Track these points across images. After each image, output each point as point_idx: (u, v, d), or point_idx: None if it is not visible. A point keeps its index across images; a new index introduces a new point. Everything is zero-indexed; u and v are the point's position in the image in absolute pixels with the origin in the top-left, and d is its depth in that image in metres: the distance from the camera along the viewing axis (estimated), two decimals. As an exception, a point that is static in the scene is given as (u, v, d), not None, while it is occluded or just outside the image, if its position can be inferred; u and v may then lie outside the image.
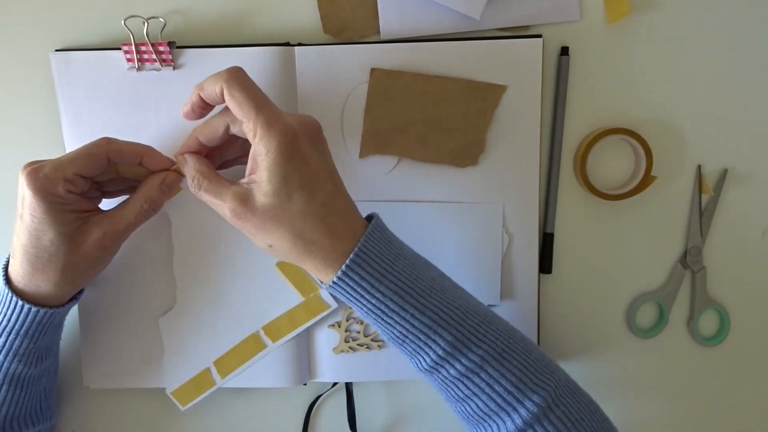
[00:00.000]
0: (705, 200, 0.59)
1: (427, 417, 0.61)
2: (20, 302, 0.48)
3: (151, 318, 0.56)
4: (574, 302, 0.60)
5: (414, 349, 0.46)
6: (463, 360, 0.44)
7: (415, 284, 0.45)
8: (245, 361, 0.57)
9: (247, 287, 0.56)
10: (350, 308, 0.57)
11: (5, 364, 0.49)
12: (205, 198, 0.46)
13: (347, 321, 0.58)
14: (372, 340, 0.58)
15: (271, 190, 0.43)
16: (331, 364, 0.58)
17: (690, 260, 0.59)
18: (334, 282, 0.45)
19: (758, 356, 0.61)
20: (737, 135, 0.58)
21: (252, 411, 0.61)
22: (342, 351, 0.58)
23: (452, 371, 0.45)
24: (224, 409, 0.61)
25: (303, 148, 0.44)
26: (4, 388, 0.50)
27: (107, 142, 0.48)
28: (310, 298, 0.56)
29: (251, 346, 0.56)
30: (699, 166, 0.58)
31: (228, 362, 0.57)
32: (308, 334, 0.58)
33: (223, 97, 0.44)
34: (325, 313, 0.56)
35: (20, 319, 0.48)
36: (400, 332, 0.45)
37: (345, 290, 0.45)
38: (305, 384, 0.59)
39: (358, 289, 0.45)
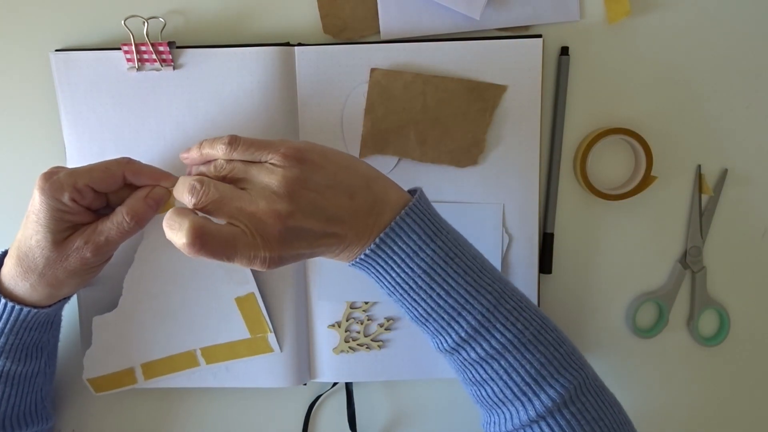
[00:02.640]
0: (705, 200, 0.59)
1: (427, 417, 0.61)
2: (2, 299, 0.48)
3: (125, 332, 0.57)
4: (574, 302, 0.60)
5: (436, 329, 0.45)
6: (484, 344, 0.44)
7: (449, 264, 0.44)
8: (174, 371, 0.57)
9: (198, 310, 0.56)
10: (350, 308, 0.57)
11: None
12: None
13: (347, 321, 0.58)
14: (372, 340, 0.58)
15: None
16: (331, 364, 0.58)
17: (690, 260, 0.59)
18: (365, 255, 0.44)
19: (758, 356, 0.61)
20: (737, 135, 0.58)
21: (252, 411, 0.61)
22: (342, 351, 0.58)
23: (472, 354, 0.44)
24: (224, 409, 0.61)
25: (299, 217, 0.42)
26: None
27: (127, 162, 0.48)
28: (256, 337, 0.56)
29: (184, 361, 0.57)
30: (699, 166, 0.58)
31: (157, 367, 0.57)
32: (308, 334, 0.58)
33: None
34: (266, 355, 0.57)
35: (3, 316, 0.48)
36: (425, 310, 0.45)
37: (372, 265, 0.44)
38: (305, 384, 0.59)
39: (385, 265, 0.44)
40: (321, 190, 0.42)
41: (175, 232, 0.41)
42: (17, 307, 0.48)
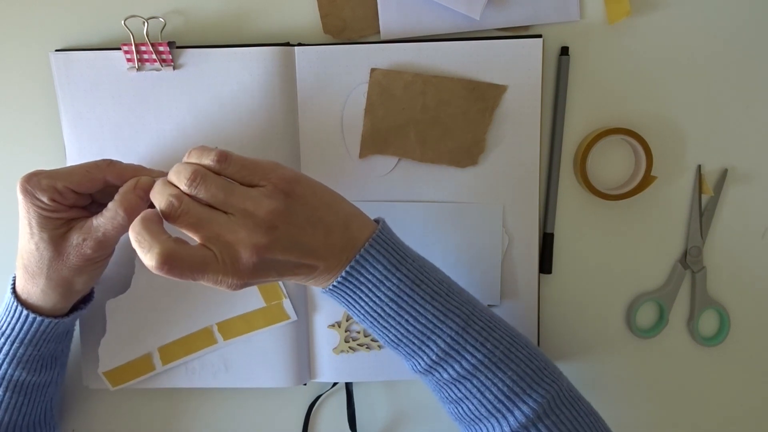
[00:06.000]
0: (705, 200, 0.59)
1: (427, 417, 0.61)
2: (24, 311, 0.48)
3: (140, 314, 0.56)
4: (574, 302, 0.60)
5: (408, 353, 0.46)
6: (456, 365, 0.45)
7: (414, 290, 0.45)
8: (192, 352, 0.57)
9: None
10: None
11: (8, 371, 0.49)
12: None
13: (347, 321, 0.58)
14: (372, 340, 0.58)
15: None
16: (331, 364, 0.58)
17: (690, 260, 0.59)
18: (333, 286, 0.45)
19: (758, 356, 0.61)
20: (737, 135, 0.58)
21: (252, 411, 0.61)
22: (342, 351, 0.58)
23: (446, 375, 0.45)
24: (224, 409, 0.61)
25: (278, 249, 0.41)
26: (8, 394, 0.50)
27: (108, 164, 0.47)
28: (272, 305, 0.56)
29: (201, 340, 0.57)
30: (699, 166, 0.58)
31: (174, 350, 0.57)
32: (308, 334, 0.58)
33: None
34: (283, 323, 0.57)
35: (24, 327, 0.48)
36: (395, 336, 0.45)
37: (341, 294, 0.45)
38: (305, 384, 0.59)
39: (353, 295, 0.45)
40: (302, 225, 0.42)
41: (144, 252, 0.39)
42: (38, 318, 0.48)
